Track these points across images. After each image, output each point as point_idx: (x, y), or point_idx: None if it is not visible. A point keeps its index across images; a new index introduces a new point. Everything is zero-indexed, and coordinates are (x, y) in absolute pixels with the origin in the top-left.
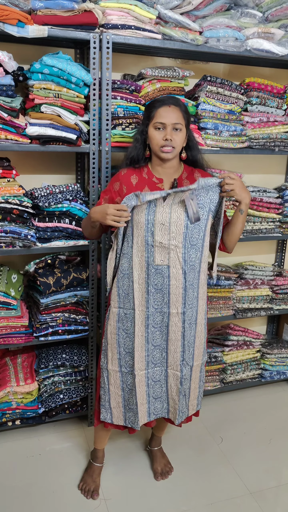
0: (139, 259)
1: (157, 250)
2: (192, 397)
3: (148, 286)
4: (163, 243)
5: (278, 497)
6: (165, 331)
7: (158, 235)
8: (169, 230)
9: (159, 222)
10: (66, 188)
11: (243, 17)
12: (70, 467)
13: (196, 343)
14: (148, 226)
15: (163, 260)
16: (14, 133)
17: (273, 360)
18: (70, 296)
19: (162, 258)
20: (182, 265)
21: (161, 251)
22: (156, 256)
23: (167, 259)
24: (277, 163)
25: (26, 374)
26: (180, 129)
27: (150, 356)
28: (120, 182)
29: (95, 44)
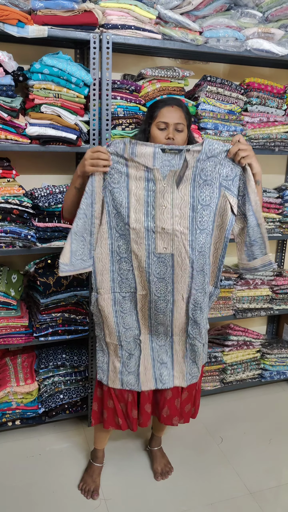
0: (138, 246)
1: (159, 236)
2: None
3: (149, 276)
4: (166, 228)
5: (278, 497)
6: (169, 314)
7: (159, 220)
8: (172, 213)
9: (160, 204)
10: (66, 188)
11: (243, 17)
12: (70, 467)
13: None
14: (147, 209)
15: (166, 248)
16: (14, 133)
17: (273, 360)
18: (70, 296)
19: (165, 245)
20: (189, 254)
21: (164, 238)
22: (158, 244)
23: (170, 247)
24: (277, 163)
25: (26, 374)
26: (182, 130)
27: (154, 328)
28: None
29: (95, 44)
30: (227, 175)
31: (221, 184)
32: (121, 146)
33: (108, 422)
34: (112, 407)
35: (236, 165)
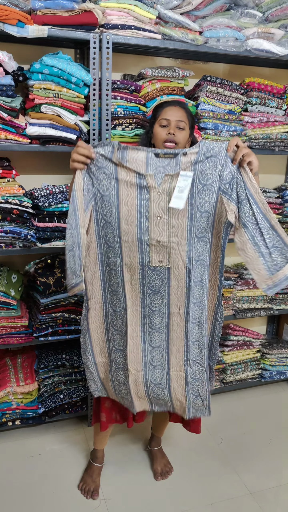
0: (131, 260)
1: (153, 249)
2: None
3: (143, 287)
4: (162, 241)
5: (278, 497)
6: (164, 331)
7: (153, 232)
8: (169, 224)
9: (155, 215)
10: (66, 188)
11: (243, 17)
12: (70, 467)
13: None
14: (141, 220)
15: (162, 261)
16: (14, 133)
17: (273, 360)
18: (70, 296)
19: (160, 258)
20: (186, 264)
21: (159, 251)
22: (153, 257)
23: (166, 260)
24: (277, 163)
25: (26, 374)
26: (183, 128)
27: (148, 357)
28: None
29: (95, 44)
30: (227, 177)
31: (220, 188)
32: (109, 149)
33: (104, 425)
34: (109, 407)
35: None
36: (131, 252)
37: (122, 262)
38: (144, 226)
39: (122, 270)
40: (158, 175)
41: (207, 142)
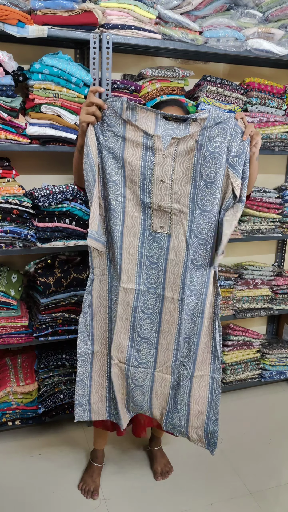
0: (133, 222)
1: (155, 213)
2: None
3: (141, 257)
4: (163, 206)
5: (278, 497)
6: (156, 319)
7: (156, 196)
8: (171, 189)
9: (158, 178)
10: (66, 188)
11: (243, 17)
12: (70, 467)
13: (201, 346)
14: (144, 182)
15: (163, 227)
16: (14, 133)
17: (273, 360)
18: (70, 296)
19: (162, 224)
20: (187, 237)
21: (161, 216)
22: (154, 221)
23: (168, 226)
24: (277, 163)
25: (26, 374)
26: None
27: (134, 348)
28: None
29: (95, 44)
30: (236, 150)
31: (228, 161)
32: (118, 104)
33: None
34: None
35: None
36: (134, 212)
37: (123, 226)
38: (147, 188)
39: (121, 235)
40: (166, 137)
41: (217, 109)
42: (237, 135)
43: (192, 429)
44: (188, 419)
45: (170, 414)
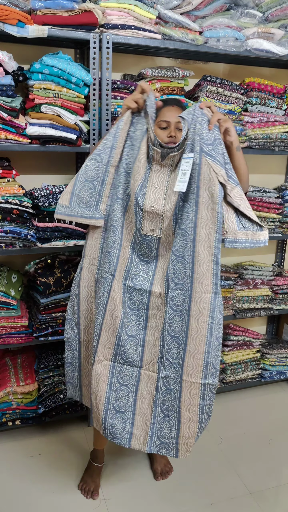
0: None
1: (146, 216)
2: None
3: (133, 253)
4: (156, 208)
5: (278, 497)
6: (143, 316)
7: (150, 199)
8: (165, 193)
9: (154, 185)
10: (66, 188)
11: (243, 17)
12: (70, 467)
13: (190, 347)
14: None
15: (154, 231)
16: (14, 133)
17: (273, 360)
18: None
19: (152, 227)
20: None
21: (152, 219)
22: (145, 224)
23: (159, 229)
24: (277, 163)
25: (26, 374)
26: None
27: (121, 347)
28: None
29: (95, 44)
30: (207, 138)
31: (202, 149)
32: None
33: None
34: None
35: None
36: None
37: (124, 217)
38: (142, 191)
39: (122, 226)
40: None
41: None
42: (205, 123)
43: (183, 439)
44: (179, 428)
45: (158, 425)
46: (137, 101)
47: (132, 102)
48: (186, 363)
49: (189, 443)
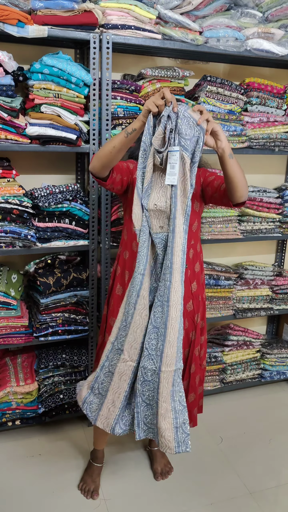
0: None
1: (152, 214)
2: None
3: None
4: (158, 205)
5: (278, 497)
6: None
7: (153, 197)
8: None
9: (157, 184)
10: (66, 188)
11: (243, 17)
12: (70, 467)
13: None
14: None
15: (163, 227)
16: (14, 133)
17: (273, 360)
18: (70, 296)
19: (160, 224)
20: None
21: (158, 216)
22: (153, 222)
23: (167, 225)
24: (277, 163)
25: (26, 374)
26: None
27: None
28: (134, 165)
29: (95, 44)
30: (186, 133)
31: (180, 143)
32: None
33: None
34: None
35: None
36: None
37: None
38: (147, 193)
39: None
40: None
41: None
42: (187, 120)
43: (160, 431)
44: (157, 420)
45: (142, 414)
46: (159, 106)
47: (154, 106)
48: (166, 353)
49: (166, 435)
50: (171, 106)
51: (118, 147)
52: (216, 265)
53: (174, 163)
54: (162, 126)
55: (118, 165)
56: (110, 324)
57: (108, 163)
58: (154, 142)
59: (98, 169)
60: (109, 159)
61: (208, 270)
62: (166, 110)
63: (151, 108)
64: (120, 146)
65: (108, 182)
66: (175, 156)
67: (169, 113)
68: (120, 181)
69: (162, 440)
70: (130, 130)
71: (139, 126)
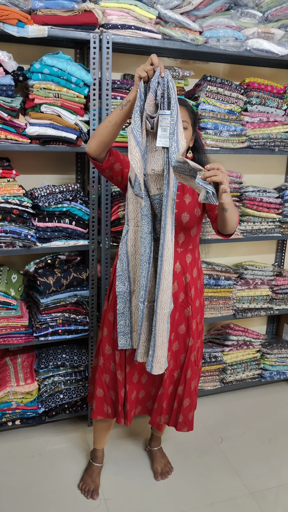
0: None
1: (150, 178)
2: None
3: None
4: (156, 170)
5: (278, 497)
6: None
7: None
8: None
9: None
10: (66, 188)
11: (243, 17)
12: (70, 467)
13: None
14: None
15: (160, 188)
16: (14, 133)
17: (273, 360)
18: (70, 296)
19: (158, 186)
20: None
21: (156, 179)
22: (151, 186)
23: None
24: (277, 163)
25: (26, 374)
26: (186, 127)
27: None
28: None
29: (95, 44)
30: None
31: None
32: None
33: (94, 413)
34: (101, 396)
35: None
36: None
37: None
38: (144, 158)
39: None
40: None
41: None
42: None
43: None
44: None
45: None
46: (147, 71)
47: (143, 71)
48: (160, 299)
49: (161, 361)
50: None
51: (114, 120)
52: (216, 265)
53: (166, 126)
54: (153, 92)
55: (117, 154)
56: (109, 319)
57: (104, 140)
58: (146, 108)
59: (94, 148)
60: (105, 134)
61: (208, 270)
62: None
63: (139, 73)
64: (115, 120)
65: (105, 164)
66: (166, 120)
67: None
68: (120, 172)
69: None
70: (125, 102)
71: (133, 96)
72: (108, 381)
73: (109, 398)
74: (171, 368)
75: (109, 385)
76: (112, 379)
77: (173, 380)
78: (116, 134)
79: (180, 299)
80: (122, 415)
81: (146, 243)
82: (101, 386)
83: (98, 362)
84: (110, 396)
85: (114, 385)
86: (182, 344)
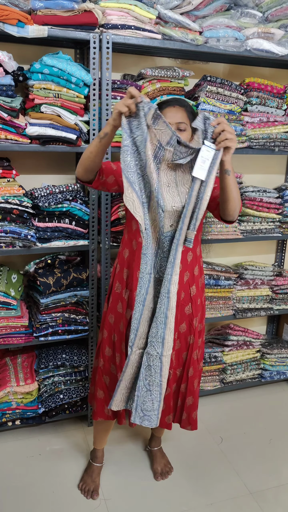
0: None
1: (167, 215)
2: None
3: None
4: (176, 206)
5: (278, 497)
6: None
7: (167, 199)
8: (178, 190)
9: (164, 184)
10: (66, 188)
11: (243, 17)
12: (70, 467)
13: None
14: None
15: (172, 225)
16: (14, 133)
17: (273, 360)
18: (70, 296)
19: (171, 222)
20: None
21: (171, 215)
22: (166, 222)
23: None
24: (277, 163)
25: (26, 374)
26: (184, 129)
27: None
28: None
29: (95, 44)
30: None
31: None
32: (146, 108)
33: (95, 414)
34: (102, 398)
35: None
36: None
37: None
38: (159, 193)
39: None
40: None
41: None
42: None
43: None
44: (160, 399)
45: (142, 399)
46: (129, 106)
47: (123, 106)
48: (166, 340)
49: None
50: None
51: (95, 152)
52: (216, 265)
53: (206, 158)
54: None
55: (109, 167)
56: (108, 321)
57: (89, 167)
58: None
59: (81, 174)
60: (89, 163)
61: (208, 270)
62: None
63: (120, 109)
64: (96, 151)
65: (94, 184)
66: (209, 153)
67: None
68: (115, 183)
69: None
70: (102, 135)
71: (110, 129)
72: (108, 382)
73: (109, 400)
74: (174, 366)
75: (109, 387)
76: (112, 380)
77: (176, 378)
78: (101, 159)
79: (181, 298)
80: (123, 416)
81: (142, 283)
82: (101, 387)
83: (98, 363)
84: (111, 397)
85: (114, 386)
86: (184, 342)
